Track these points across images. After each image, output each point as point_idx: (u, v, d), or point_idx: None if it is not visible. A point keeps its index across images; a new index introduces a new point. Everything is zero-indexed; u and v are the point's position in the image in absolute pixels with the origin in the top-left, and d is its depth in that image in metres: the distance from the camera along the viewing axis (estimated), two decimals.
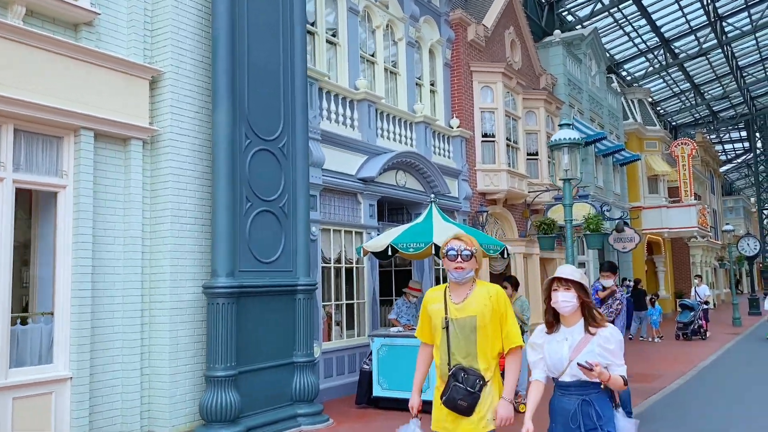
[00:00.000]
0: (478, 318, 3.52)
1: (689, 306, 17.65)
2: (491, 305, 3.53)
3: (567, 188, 8.24)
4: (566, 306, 3.38)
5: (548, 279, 3.51)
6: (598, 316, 3.43)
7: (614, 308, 7.69)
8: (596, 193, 20.89)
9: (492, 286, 3.64)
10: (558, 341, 3.44)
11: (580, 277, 3.43)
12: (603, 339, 3.35)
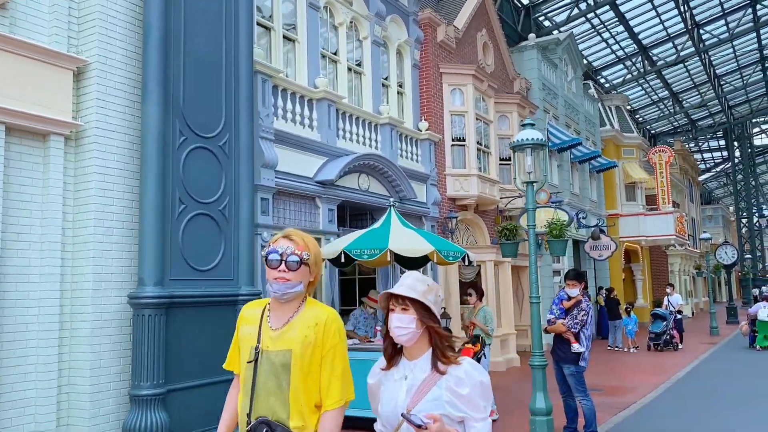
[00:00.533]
0: (294, 354, 2.51)
1: (661, 316, 17.23)
2: (314, 337, 2.53)
3: (530, 191, 7.74)
4: (401, 333, 2.40)
5: (383, 293, 2.53)
6: (450, 350, 2.43)
7: (579, 319, 7.18)
8: (572, 200, 20.50)
9: (325, 311, 2.63)
10: (395, 380, 2.47)
11: (422, 293, 2.42)
12: (455, 380, 2.36)
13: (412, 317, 2.39)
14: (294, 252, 2.58)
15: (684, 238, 26.75)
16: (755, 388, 11.09)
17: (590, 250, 20.98)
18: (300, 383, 2.51)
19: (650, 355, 16.30)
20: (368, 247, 7.90)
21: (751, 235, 48.09)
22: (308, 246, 2.64)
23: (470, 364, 2.41)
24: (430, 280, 2.52)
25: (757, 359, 15.25)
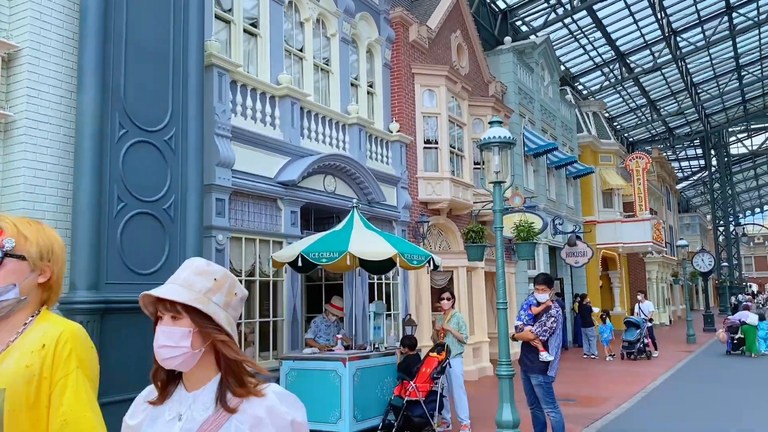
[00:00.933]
0: (7, 394, 1.70)
1: (635, 323, 16.89)
2: (40, 366, 1.75)
3: (497, 192, 7.37)
4: (169, 355, 1.66)
5: (142, 294, 1.75)
6: (249, 378, 1.69)
7: (548, 326, 6.79)
8: (548, 206, 20.24)
9: (58, 325, 1.84)
10: (166, 422, 1.70)
11: (202, 292, 1.69)
12: (251, 421, 1.63)
13: (186, 330, 1.65)
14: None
15: (661, 245, 26.65)
16: (732, 398, 10.80)
17: (566, 256, 20.72)
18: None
19: (625, 363, 16.00)
20: (327, 249, 7.47)
21: (728, 243, 48.37)
22: (22, 232, 1.81)
23: (278, 397, 1.67)
24: (222, 271, 1.75)
25: (734, 367, 15.03)
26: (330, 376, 7.27)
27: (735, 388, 11.83)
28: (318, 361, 7.45)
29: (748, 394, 11.22)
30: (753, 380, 12.92)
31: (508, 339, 7.11)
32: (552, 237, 20.39)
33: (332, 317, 8.80)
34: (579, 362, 16.55)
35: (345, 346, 8.18)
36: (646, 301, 17.97)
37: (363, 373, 7.49)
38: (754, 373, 14.07)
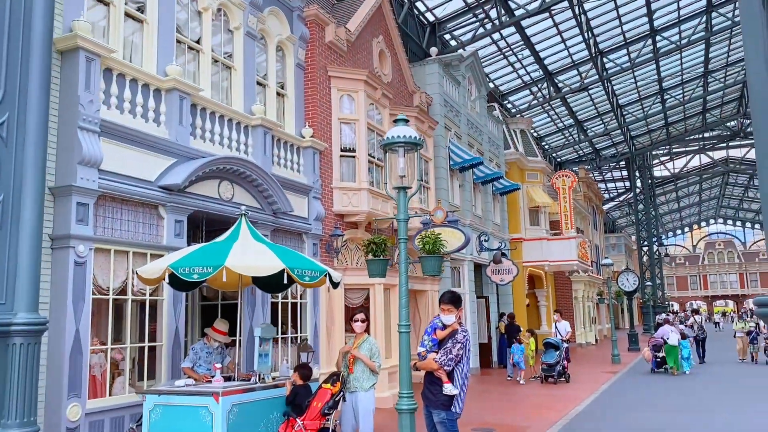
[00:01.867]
0: None
1: (554, 344, 16.15)
2: None
3: (401, 199, 6.48)
4: None
5: None
6: None
7: (454, 354, 5.86)
8: (474, 222, 19.65)
9: None
10: None
11: None
12: None
13: None
14: None
15: (587, 264, 26.61)
16: (657, 425, 10.23)
17: (492, 274, 20.15)
18: None
19: (545, 387, 15.33)
20: (200, 264, 6.34)
21: (651, 263, 49.57)
22: None
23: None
24: None
25: (658, 389, 14.64)
26: (200, 413, 6.12)
27: (660, 414, 11.29)
28: (187, 396, 6.28)
29: (674, 420, 10.69)
30: (677, 404, 12.48)
31: (409, 367, 6.18)
32: (478, 254, 19.79)
33: (215, 343, 7.63)
34: (501, 385, 15.84)
35: (226, 377, 7.04)
36: (563, 320, 17.36)
37: (242, 409, 6.37)
38: (678, 395, 13.68)
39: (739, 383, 15.67)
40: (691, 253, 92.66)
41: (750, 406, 11.94)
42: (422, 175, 15.97)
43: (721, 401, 12.68)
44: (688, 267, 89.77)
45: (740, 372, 17.95)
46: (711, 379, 16.61)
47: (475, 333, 19.00)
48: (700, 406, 12.07)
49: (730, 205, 79.78)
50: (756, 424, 10.12)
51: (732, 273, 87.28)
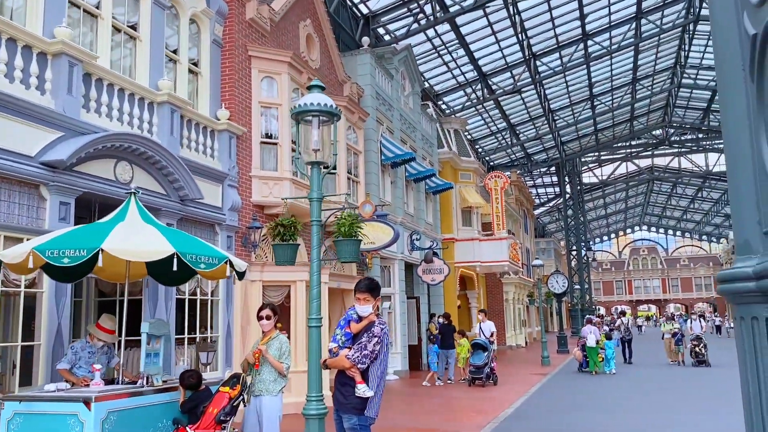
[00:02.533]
0: None
1: (482, 346, 15.58)
2: None
3: (315, 176, 5.72)
4: None
5: None
6: None
7: (369, 350, 5.09)
8: (406, 220, 19.06)
9: None
10: None
11: None
12: None
13: None
14: None
15: (518, 265, 26.53)
16: (586, 426, 9.81)
17: (423, 273, 19.61)
18: None
19: (474, 390, 14.80)
20: (72, 246, 5.36)
21: (580, 268, 50.57)
22: None
23: None
24: None
25: (587, 389, 14.39)
26: (68, 422, 5.15)
27: (589, 415, 10.92)
28: (53, 402, 5.28)
29: (602, 421, 10.32)
30: (606, 405, 12.18)
31: (319, 367, 5.41)
32: (409, 253, 19.21)
33: (99, 342, 6.61)
34: (431, 388, 15.24)
35: (109, 380, 6.06)
36: (487, 320, 16.90)
37: (122, 417, 5.42)
38: (607, 396, 13.44)
39: (664, 384, 15.65)
40: (617, 259, 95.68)
41: (675, 407, 11.76)
42: (351, 168, 15.25)
43: (648, 402, 12.47)
44: (614, 272, 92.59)
45: (666, 373, 18.05)
46: (639, 380, 16.57)
47: (405, 335, 18.40)
48: (628, 407, 11.80)
49: (654, 212, 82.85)
50: (679, 422, 9.86)
51: (655, 278, 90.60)
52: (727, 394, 13.14)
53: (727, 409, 10.97)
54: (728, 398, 12.36)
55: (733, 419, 9.88)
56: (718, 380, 15.74)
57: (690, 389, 14.12)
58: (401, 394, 14.45)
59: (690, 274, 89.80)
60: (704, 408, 11.40)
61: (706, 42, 31.11)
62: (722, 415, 10.50)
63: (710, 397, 12.82)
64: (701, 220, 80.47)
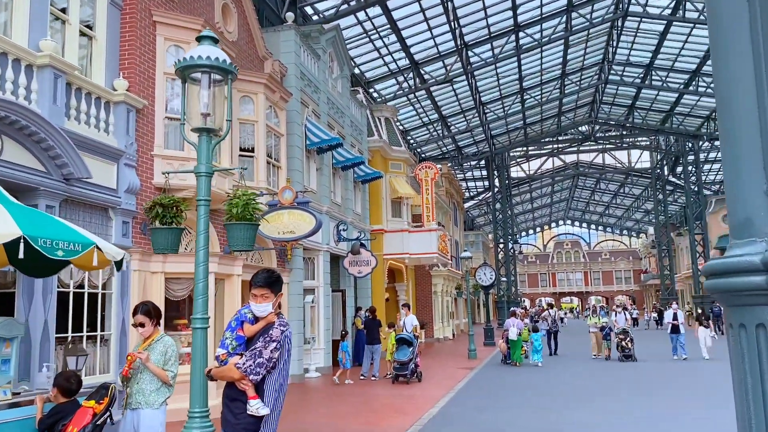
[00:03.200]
0: None
1: (407, 340, 14.80)
2: None
3: (204, 145, 4.74)
4: None
5: None
6: None
7: (266, 357, 4.15)
8: (332, 210, 18.14)
9: None
10: None
11: None
12: None
13: None
14: None
15: (447, 257, 26.09)
16: (514, 425, 9.23)
17: (350, 265, 18.77)
18: None
19: (398, 387, 14.09)
20: None
21: (507, 260, 51.08)
22: None
23: None
24: None
25: (513, 385, 13.94)
26: None
27: (518, 413, 10.37)
28: None
29: (531, 419, 9.77)
30: (534, 402, 11.71)
31: (203, 376, 4.45)
32: (335, 244, 18.31)
33: None
34: (353, 386, 14.43)
35: None
36: (411, 314, 16.19)
37: None
38: (534, 392, 13.01)
39: (591, 379, 15.44)
40: (541, 252, 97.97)
41: (601, 403, 11.41)
42: (271, 152, 14.18)
43: (574, 398, 12.09)
44: (538, 265, 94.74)
45: (593, 368, 17.93)
46: (567, 375, 16.31)
47: (329, 329, 17.51)
48: (556, 405, 11.36)
49: (578, 207, 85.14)
50: (604, 421, 9.45)
51: (578, 271, 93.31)
52: (657, 389, 12.96)
53: (660, 405, 10.69)
54: (660, 394, 12.15)
55: (669, 414, 9.57)
56: (646, 375, 15.67)
57: (620, 384, 13.90)
58: (320, 393, 13.58)
59: (611, 268, 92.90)
60: (637, 404, 11.08)
61: (633, 38, 31.59)
62: (657, 410, 10.18)
63: (640, 392, 12.59)
64: (622, 216, 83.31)
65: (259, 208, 6.09)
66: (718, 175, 58.55)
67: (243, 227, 5.42)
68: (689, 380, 14.26)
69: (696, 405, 10.87)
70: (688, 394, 12.20)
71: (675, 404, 10.98)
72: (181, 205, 5.98)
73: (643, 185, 63.56)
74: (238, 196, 5.83)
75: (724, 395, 11.66)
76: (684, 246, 63.16)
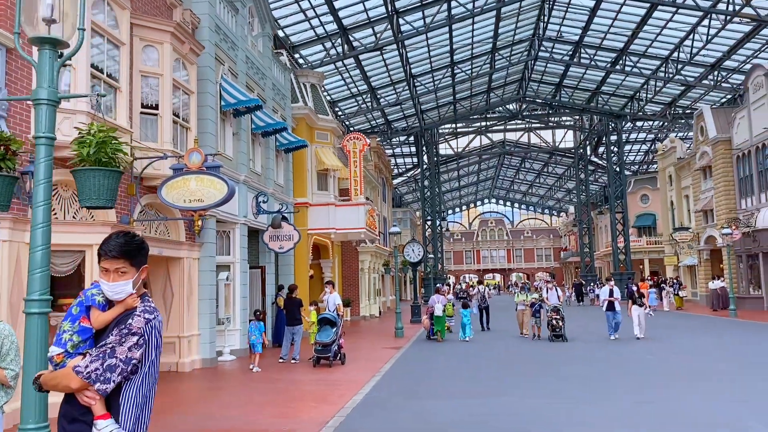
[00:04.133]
0: None
1: (330, 320, 13.61)
2: None
3: (46, 62, 3.43)
4: None
5: None
6: None
7: (122, 358, 2.87)
8: (251, 179, 16.71)
9: None
10: None
11: None
12: None
13: None
14: None
15: (374, 233, 25.08)
16: (443, 411, 8.34)
17: (270, 240, 17.45)
18: None
19: (320, 371, 13.01)
20: None
21: (434, 238, 50.81)
22: None
23: None
24: None
25: (442, 365, 13.15)
26: None
27: (448, 399, 9.51)
28: None
29: (458, 406, 8.91)
30: (462, 388, 10.91)
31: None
32: (254, 217, 16.92)
33: None
34: (270, 370, 13.25)
35: None
36: (335, 292, 14.99)
37: None
38: (462, 372, 12.25)
39: (520, 363, 14.88)
40: (467, 230, 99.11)
41: (532, 387, 10.74)
42: (179, 111, 12.61)
43: (503, 383, 11.39)
44: (464, 243, 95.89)
45: (522, 348, 17.43)
46: (494, 355, 15.70)
47: (245, 309, 16.18)
48: (484, 389, 10.60)
49: (503, 186, 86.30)
50: (533, 405, 8.72)
51: (501, 249, 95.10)
52: (590, 371, 12.45)
53: (594, 388, 10.09)
54: (593, 376, 11.60)
55: (603, 396, 8.93)
56: (577, 355, 15.25)
57: (549, 366, 13.34)
58: (233, 379, 12.32)
59: (533, 246, 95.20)
60: (566, 388, 10.44)
61: (564, 13, 31.28)
62: (589, 394, 9.54)
63: (572, 374, 12.02)
64: (545, 195, 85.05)
65: (121, 150, 4.71)
66: (637, 156, 60.28)
67: (97, 174, 4.09)
68: (623, 360, 13.89)
69: (632, 387, 10.34)
70: (622, 375, 11.72)
71: (610, 387, 10.41)
72: (13, 145, 4.56)
73: (566, 165, 64.72)
74: (91, 133, 4.45)
75: (659, 375, 11.26)
76: (603, 225, 65.00)
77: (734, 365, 12.33)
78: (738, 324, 22.36)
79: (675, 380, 10.73)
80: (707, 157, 34.76)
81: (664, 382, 10.61)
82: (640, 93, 40.20)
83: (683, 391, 9.67)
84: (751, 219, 29.47)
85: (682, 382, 10.49)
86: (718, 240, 33.77)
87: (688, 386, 10.11)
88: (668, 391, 9.76)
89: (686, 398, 9.15)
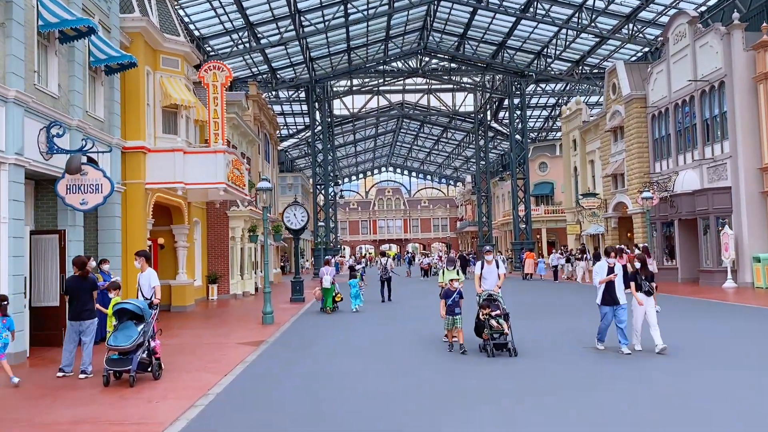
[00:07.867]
0: None
1: (132, 312, 8.66)
2: None
3: None
4: None
5: None
6: None
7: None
8: (37, 100, 11.17)
9: None
10: None
11: None
12: None
13: None
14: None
15: (243, 191, 19.92)
16: None
17: (67, 192, 12.00)
18: None
19: (110, 396, 7.89)
20: None
21: (326, 203, 46.18)
22: None
23: None
24: None
25: (313, 373, 8.56)
26: None
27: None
28: None
29: None
30: (348, 411, 6.39)
31: None
32: (43, 157, 11.45)
33: None
34: (26, 393, 8.09)
35: None
36: (149, 268, 9.73)
37: None
38: (350, 389, 7.74)
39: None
40: (363, 199, 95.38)
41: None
42: None
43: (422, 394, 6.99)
44: (360, 212, 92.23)
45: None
46: (391, 358, 11.34)
47: (21, 292, 10.75)
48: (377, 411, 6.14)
49: (401, 153, 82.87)
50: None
51: (398, 219, 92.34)
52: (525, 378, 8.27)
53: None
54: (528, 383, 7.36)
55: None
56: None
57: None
58: None
59: (429, 215, 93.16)
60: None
61: None
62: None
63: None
64: (442, 163, 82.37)
65: None
66: (537, 123, 58.22)
67: None
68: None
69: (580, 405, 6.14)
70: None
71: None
72: None
73: (466, 130, 61.83)
74: None
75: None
76: (501, 194, 62.98)
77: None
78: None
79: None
80: (619, 116, 32.16)
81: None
82: (549, 48, 37.11)
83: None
84: (669, 183, 26.98)
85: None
86: (629, 206, 31.39)
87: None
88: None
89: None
